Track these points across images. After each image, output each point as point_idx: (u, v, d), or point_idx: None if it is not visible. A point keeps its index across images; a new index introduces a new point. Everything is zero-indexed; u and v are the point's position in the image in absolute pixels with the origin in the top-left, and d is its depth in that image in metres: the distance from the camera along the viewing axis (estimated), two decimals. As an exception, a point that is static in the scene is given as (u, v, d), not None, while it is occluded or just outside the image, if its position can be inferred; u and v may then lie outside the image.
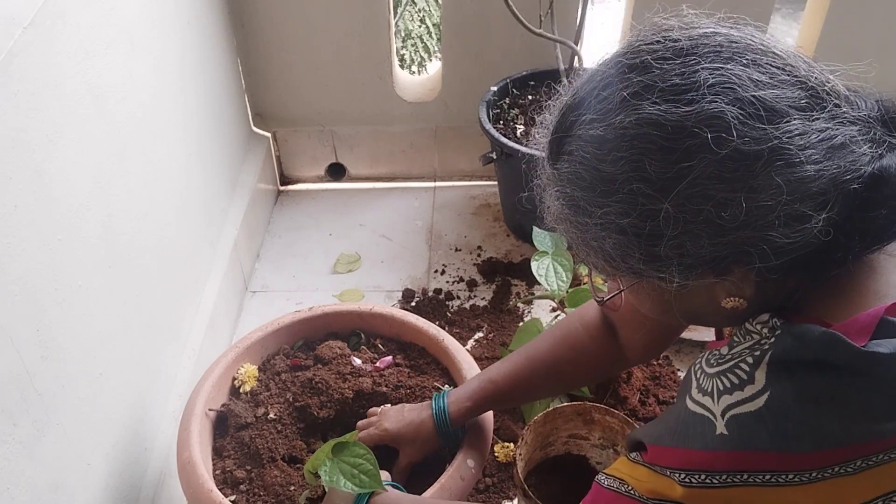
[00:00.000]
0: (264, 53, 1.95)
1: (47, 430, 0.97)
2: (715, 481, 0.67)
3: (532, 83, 1.93)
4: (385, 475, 1.06)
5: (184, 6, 1.54)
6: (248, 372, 1.28)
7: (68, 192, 1.05)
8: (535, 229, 1.44)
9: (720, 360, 0.69)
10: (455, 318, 1.75)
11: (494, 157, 1.77)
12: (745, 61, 0.63)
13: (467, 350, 1.42)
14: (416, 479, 1.15)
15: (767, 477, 0.65)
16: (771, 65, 0.64)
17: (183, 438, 1.15)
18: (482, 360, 1.62)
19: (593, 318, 1.07)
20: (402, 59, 3.08)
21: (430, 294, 1.81)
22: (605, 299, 0.82)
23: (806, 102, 0.63)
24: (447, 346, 1.30)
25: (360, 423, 1.18)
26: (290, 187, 2.19)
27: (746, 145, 0.60)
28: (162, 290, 1.38)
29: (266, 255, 1.96)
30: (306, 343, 1.37)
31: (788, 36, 3.34)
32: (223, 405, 1.23)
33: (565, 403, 1.33)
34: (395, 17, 2.05)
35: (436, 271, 1.89)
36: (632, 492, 0.74)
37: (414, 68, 3.12)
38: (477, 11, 1.88)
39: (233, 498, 1.13)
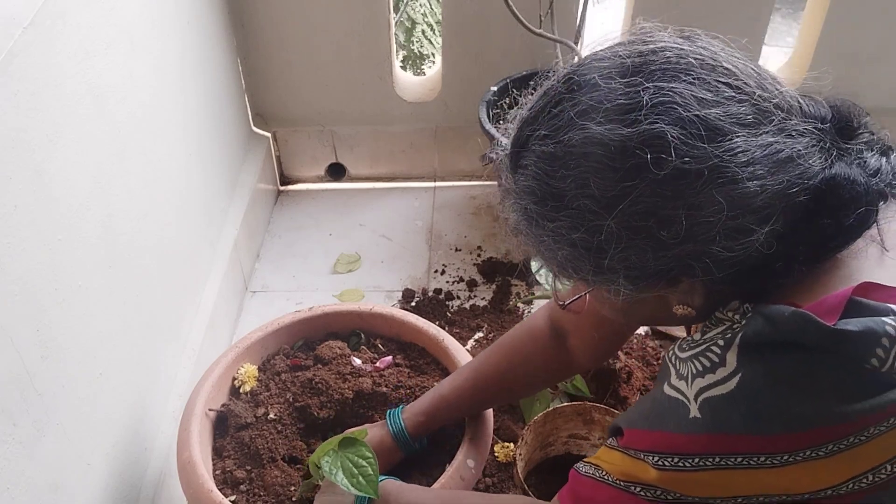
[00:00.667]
0: (264, 53, 1.95)
1: (47, 430, 0.97)
2: (687, 464, 0.69)
3: (532, 83, 1.92)
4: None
5: (184, 6, 1.54)
6: (248, 372, 1.28)
7: (68, 192, 1.05)
8: None
9: (692, 345, 0.70)
10: (455, 318, 1.75)
11: (494, 157, 1.77)
12: (690, 79, 0.64)
13: (467, 350, 1.42)
14: (417, 479, 1.15)
15: (739, 460, 0.66)
16: (718, 81, 0.65)
17: (183, 438, 1.15)
18: (482, 360, 1.62)
19: (541, 328, 1.09)
20: (407, 56, 3.07)
21: (430, 294, 1.81)
22: (566, 303, 0.85)
23: (752, 118, 0.64)
24: (447, 346, 1.30)
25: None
26: (290, 187, 2.19)
27: (687, 164, 0.62)
28: (162, 290, 1.38)
29: (266, 255, 1.96)
30: (306, 343, 1.37)
31: (789, 36, 3.34)
32: (223, 405, 1.23)
33: (565, 403, 1.33)
34: (396, 15, 2.05)
35: (436, 271, 1.89)
36: (605, 476, 0.76)
37: (418, 67, 3.11)
38: (477, 11, 1.88)
39: (233, 498, 1.13)
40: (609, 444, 0.78)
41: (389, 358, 1.32)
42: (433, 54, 3.03)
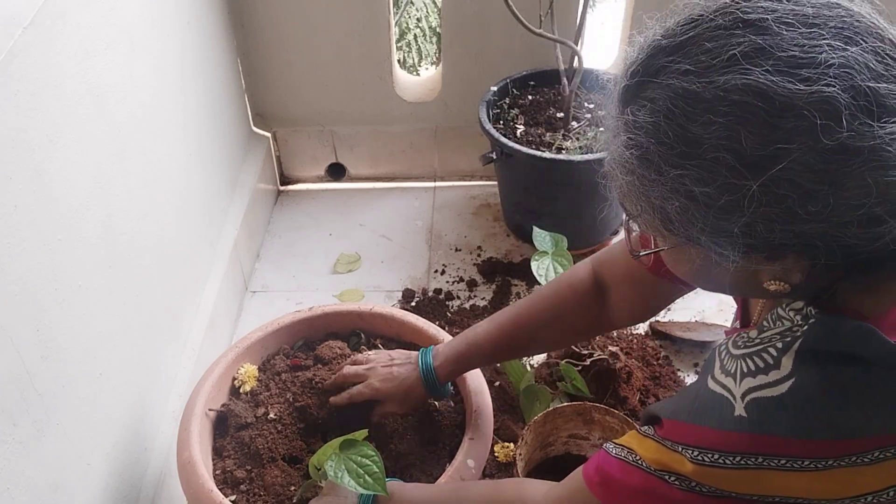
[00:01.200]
0: (264, 53, 1.95)
1: (47, 430, 0.97)
2: (728, 462, 0.67)
3: (532, 83, 1.93)
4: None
5: (184, 6, 1.54)
6: (248, 372, 1.28)
7: (68, 192, 1.05)
8: (535, 229, 1.44)
9: (748, 343, 0.68)
10: (455, 318, 1.75)
11: (494, 157, 1.77)
12: (865, 45, 0.58)
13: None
14: (416, 479, 1.15)
15: (783, 462, 0.65)
16: (888, 55, 0.59)
17: (183, 438, 1.15)
18: (482, 360, 1.62)
19: (583, 280, 1.07)
20: (400, 63, 3.08)
21: (430, 294, 1.81)
22: (640, 254, 0.78)
23: None
24: (447, 346, 1.30)
25: (346, 370, 1.19)
26: (290, 187, 2.19)
27: (851, 140, 0.56)
28: (162, 290, 1.38)
29: (266, 255, 1.96)
30: (306, 343, 1.37)
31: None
32: (223, 405, 1.23)
33: (565, 403, 1.33)
34: (395, 16, 2.04)
35: (436, 271, 1.89)
36: (639, 461, 0.75)
37: (405, 71, 3.12)
38: (477, 11, 1.88)
39: (233, 498, 1.13)
40: (644, 432, 0.76)
41: None
42: (421, 62, 3.04)
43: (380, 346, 1.36)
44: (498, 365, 1.60)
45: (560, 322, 1.09)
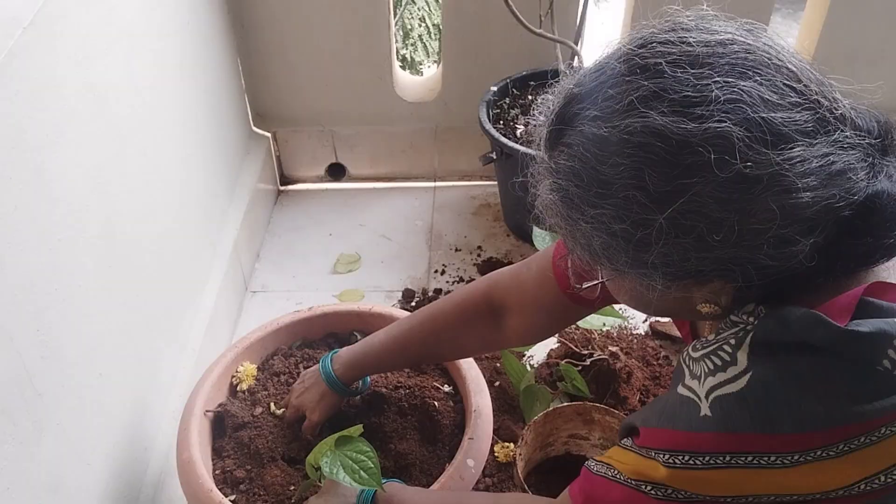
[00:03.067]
0: (264, 53, 1.95)
1: (47, 430, 0.97)
2: (698, 462, 0.68)
3: (532, 83, 1.93)
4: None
5: (183, 6, 1.54)
6: (247, 370, 1.28)
7: (68, 192, 1.05)
8: (535, 229, 1.44)
9: (705, 345, 0.70)
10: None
11: (494, 157, 1.77)
12: (758, 78, 0.62)
13: (467, 350, 1.42)
14: (417, 479, 1.15)
15: (750, 459, 0.66)
16: (784, 84, 0.62)
17: (183, 438, 1.15)
18: (482, 360, 1.62)
19: (476, 303, 1.09)
20: (402, 60, 3.08)
21: (430, 294, 1.81)
22: (581, 288, 0.82)
23: (812, 126, 0.62)
24: (447, 346, 1.30)
25: (286, 411, 1.23)
26: (290, 187, 2.19)
27: (749, 169, 0.59)
28: (162, 290, 1.38)
29: (266, 255, 1.96)
30: (305, 343, 1.37)
31: (789, 36, 3.34)
32: (219, 405, 1.23)
33: (565, 403, 1.33)
34: (395, 16, 2.05)
35: (436, 271, 1.89)
36: (618, 475, 0.76)
37: (414, 70, 3.12)
38: (477, 11, 1.88)
39: (233, 498, 1.13)
40: (623, 444, 0.78)
41: None
42: (425, 61, 3.04)
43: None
44: (498, 364, 1.60)
45: (450, 343, 1.13)
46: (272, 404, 1.24)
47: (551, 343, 1.61)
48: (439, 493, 1.07)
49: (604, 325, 1.34)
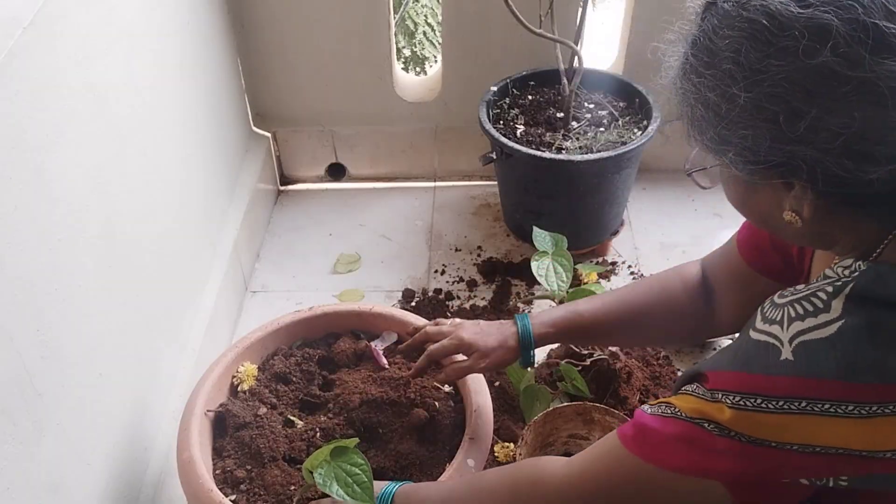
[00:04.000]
0: (264, 53, 1.95)
1: (47, 430, 0.97)
2: (770, 406, 0.69)
3: (532, 83, 1.93)
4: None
5: (183, 6, 1.54)
6: (248, 371, 1.28)
7: (68, 192, 1.05)
8: (535, 229, 1.44)
9: (794, 293, 0.72)
10: (455, 318, 1.74)
11: (494, 157, 1.77)
12: None
13: (467, 350, 1.42)
14: (416, 478, 1.15)
15: (826, 406, 0.67)
16: None
17: (183, 438, 1.15)
18: (482, 360, 1.62)
19: (693, 276, 1.07)
20: (408, 57, 3.07)
21: (430, 294, 1.81)
22: (690, 170, 0.85)
23: None
24: (447, 346, 1.30)
25: (428, 329, 1.18)
26: (290, 187, 2.19)
27: (839, 66, 0.61)
28: (162, 290, 1.38)
29: (266, 255, 1.96)
30: (305, 343, 1.37)
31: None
32: (220, 405, 1.23)
33: (565, 403, 1.33)
34: (395, 16, 2.04)
35: (436, 271, 1.89)
36: (677, 412, 0.76)
37: (420, 67, 3.11)
38: (477, 11, 1.88)
39: (233, 498, 1.13)
40: (684, 391, 0.78)
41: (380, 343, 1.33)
42: (435, 56, 3.04)
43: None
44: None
45: (666, 312, 1.08)
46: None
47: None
48: (452, 482, 1.03)
49: None
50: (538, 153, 1.67)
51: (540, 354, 1.62)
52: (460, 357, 1.15)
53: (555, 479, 0.87)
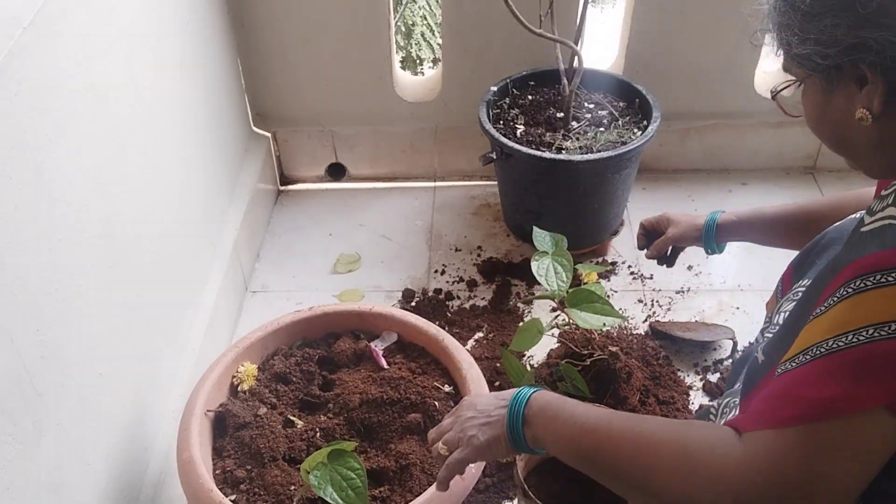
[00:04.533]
0: (264, 53, 1.95)
1: (47, 430, 0.97)
2: (891, 278, 0.69)
3: (532, 83, 1.93)
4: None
5: (183, 6, 1.54)
6: (248, 371, 1.28)
7: (68, 192, 1.05)
8: (535, 229, 1.44)
9: (886, 189, 0.77)
10: (455, 318, 1.75)
11: (494, 157, 1.77)
12: None
13: (467, 350, 1.42)
14: (416, 478, 1.15)
15: None
16: None
17: (183, 438, 1.15)
18: (482, 360, 1.62)
19: (870, 197, 1.05)
20: (405, 58, 3.07)
21: (430, 294, 1.81)
22: (777, 90, 0.91)
23: None
24: (447, 346, 1.30)
25: (644, 220, 1.40)
26: (290, 187, 2.19)
27: None
28: (162, 290, 1.38)
29: (266, 255, 1.96)
30: (305, 343, 1.37)
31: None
32: (220, 405, 1.23)
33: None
34: (395, 16, 2.04)
35: (436, 271, 1.89)
36: (805, 353, 0.73)
37: (419, 67, 3.11)
38: (477, 11, 1.88)
39: (233, 497, 1.13)
40: (819, 312, 0.75)
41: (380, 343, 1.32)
42: (430, 57, 3.04)
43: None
44: (498, 364, 1.60)
45: (837, 220, 1.08)
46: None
47: (551, 343, 1.61)
48: (600, 411, 0.89)
49: (604, 325, 1.34)
50: (538, 153, 1.67)
51: (540, 354, 1.63)
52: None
53: (732, 457, 0.76)
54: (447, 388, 1.28)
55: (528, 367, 1.51)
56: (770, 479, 0.72)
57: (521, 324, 1.64)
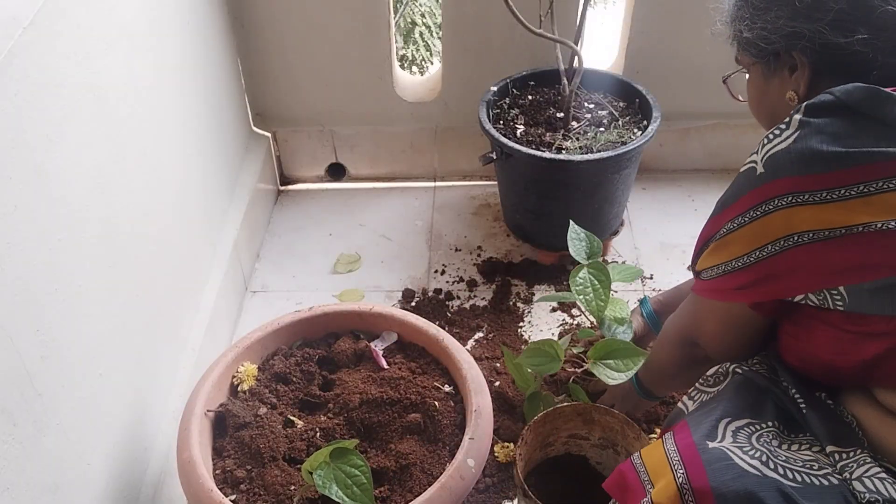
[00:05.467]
0: (264, 53, 1.95)
1: (47, 430, 0.97)
2: (758, 213, 0.87)
3: (532, 83, 1.93)
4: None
5: (183, 6, 1.54)
6: (248, 371, 1.28)
7: (68, 192, 1.05)
8: (572, 225, 1.38)
9: (767, 132, 0.90)
10: (455, 318, 1.75)
11: (494, 157, 1.77)
12: None
13: (467, 350, 1.42)
14: (417, 478, 1.15)
15: (790, 199, 0.84)
16: None
17: (183, 438, 1.15)
18: (482, 360, 1.62)
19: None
20: (402, 59, 3.07)
21: (430, 294, 1.81)
22: (725, 77, 1.12)
23: None
24: (447, 346, 1.30)
25: None
26: (290, 187, 2.19)
27: None
28: (162, 290, 1.38)
29: (266, 255, 1.96)
30: (305, 343, 1.37)
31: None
32: (220, 405, 1.23)
33: (565, 403, 1.33)
34: (395, 16, 2.04)
35: (436, 271, 1.89)
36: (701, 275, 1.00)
37: (415, 68, 3.11)
38: (477, 11, 1.88)
39: (233, 497, 1.13)
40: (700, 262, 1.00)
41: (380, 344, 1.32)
42: (429, 58, 3.04)
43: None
44: (498, 364, 1.60)
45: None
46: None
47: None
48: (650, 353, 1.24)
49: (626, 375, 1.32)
50: (538, 153, 1.67)
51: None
52: None
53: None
54: (447, 388, 1.28)
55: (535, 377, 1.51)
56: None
57: (532, 342, 1.52)
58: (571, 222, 1.42)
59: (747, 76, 1.06)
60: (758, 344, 1.03)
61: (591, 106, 1.86)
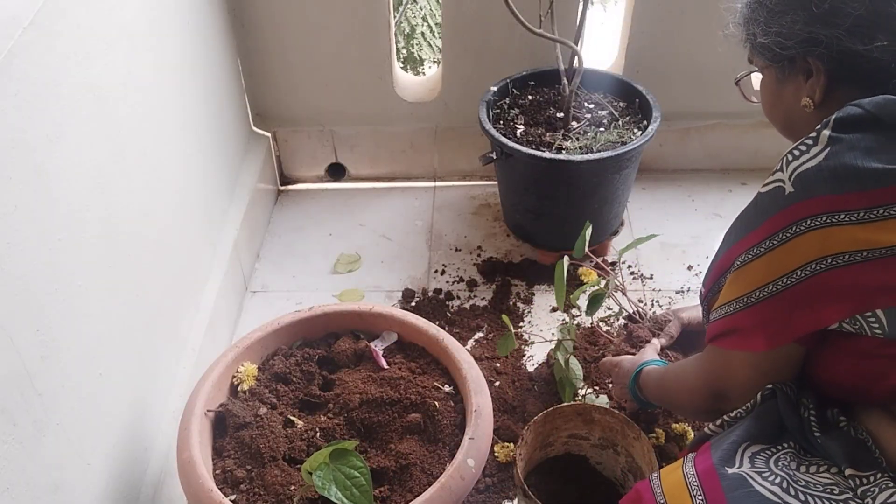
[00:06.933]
0: (264, 53, 1.95)
1: (47, 430, 0.97)
2: (788, 235, 0.83)
3: (532, 83, 1.93)
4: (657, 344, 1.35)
5: (183, 6, 1.54)
6: (248, 371, 1.28)
7: (68, 192, 1.05)
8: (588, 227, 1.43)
9: (791, 148, 0.86)
10: (455, 318, 1.75)
11: (494, 157, 1.77)
12: None
13: (467, 350, 1.42)
14: (417, 478, 1.15)
15: (824, 219, 0.80)
16: None
17: (183, 438, 1.15)
18: (482, 360, 1.62)
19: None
20: (405, 58, 3.07)
21: (430, 294, 1.81)
22: (738, 78, 1.10)
23: None
24: (447, 346, 1.30)
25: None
26: (290, 187, 2.19)
27: None
28: (162, 290, 1.38)
29: (266, 255, 1.96)
30: (305, 343, 1.37)
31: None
32: (220, 405, 1.23)
33: (565, 404, 1.33)
34: (395, 16, 2.04)
35: (436, 271, 1.89)
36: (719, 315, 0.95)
37: (419, 68, 3.11)
38: (477, 11, 1.88)
39: (233, 497, 1.13)
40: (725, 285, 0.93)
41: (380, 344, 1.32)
42: (431, 57, 3.04)
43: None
44: (498, 364, 1.60)
45: None
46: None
47: (550, 344, 1.60)
48: (665, 368, 1.20)
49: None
50: (538, 153, 1.67)
51: (540, 354, 1.63)
52: None
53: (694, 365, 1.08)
54: (447, 388, 1.28)
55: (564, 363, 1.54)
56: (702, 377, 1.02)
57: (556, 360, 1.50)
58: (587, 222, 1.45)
59: (760, 77, 1.02)
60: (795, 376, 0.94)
61: (591, 106, 1.86)
